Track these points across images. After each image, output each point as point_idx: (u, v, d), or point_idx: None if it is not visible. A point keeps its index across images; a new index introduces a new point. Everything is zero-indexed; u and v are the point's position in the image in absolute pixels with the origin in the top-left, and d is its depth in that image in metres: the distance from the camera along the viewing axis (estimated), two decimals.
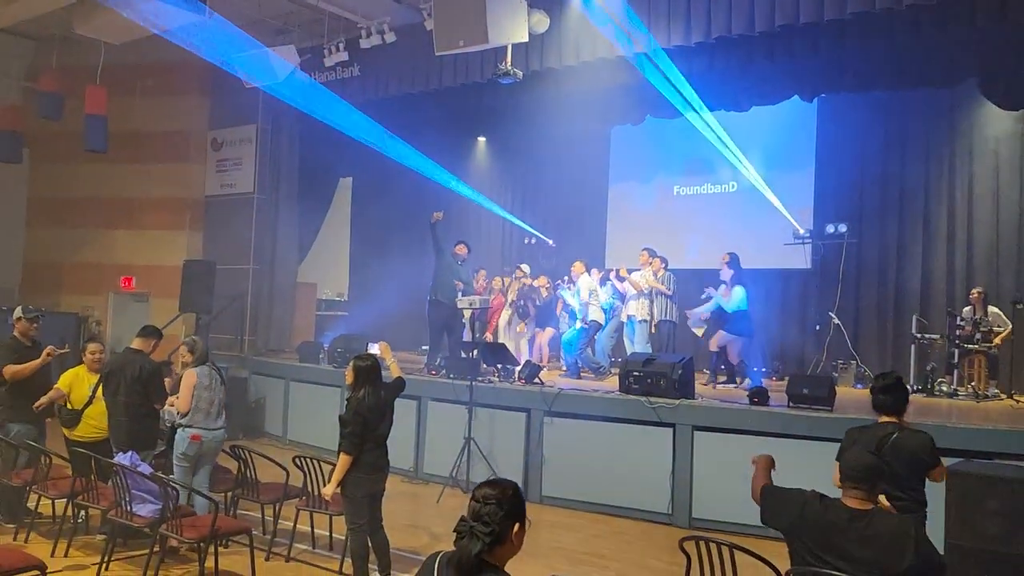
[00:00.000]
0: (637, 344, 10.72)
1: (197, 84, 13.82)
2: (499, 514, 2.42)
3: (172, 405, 6.42)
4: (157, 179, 13.88)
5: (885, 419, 4.64)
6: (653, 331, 10.72)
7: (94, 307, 14.02)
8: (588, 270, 11.23)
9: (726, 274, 10.30)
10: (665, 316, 10.72)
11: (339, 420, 5.51)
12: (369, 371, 5.52)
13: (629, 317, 11.00)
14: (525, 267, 12.65)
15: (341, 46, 11.24)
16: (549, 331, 11.88)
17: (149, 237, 13.90)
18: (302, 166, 13.67)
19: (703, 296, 10.63)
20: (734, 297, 10.08)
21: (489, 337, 11.71)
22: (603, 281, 11.52)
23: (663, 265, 10.92)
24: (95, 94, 12.16)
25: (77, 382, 6.74)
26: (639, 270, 11.01)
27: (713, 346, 10.36)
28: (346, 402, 5.58)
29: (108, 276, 13.97)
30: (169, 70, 13.38)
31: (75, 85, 12.42)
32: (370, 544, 5.54)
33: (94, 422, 6.66)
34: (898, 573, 3.26)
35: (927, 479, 4.55)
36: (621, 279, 11.27)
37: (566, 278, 11.59)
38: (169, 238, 13.83)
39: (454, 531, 2.45)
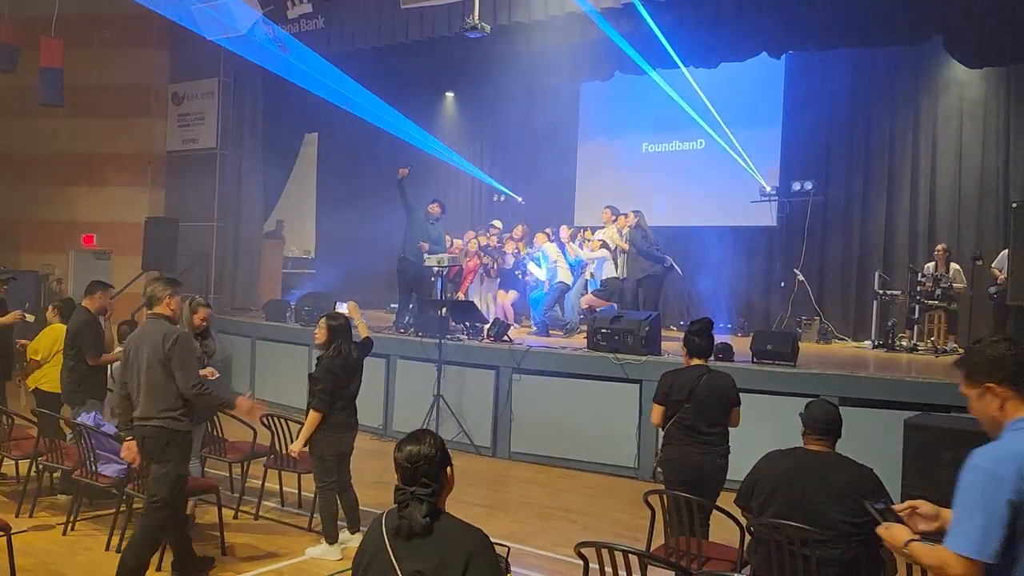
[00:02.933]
0: None
1: (156, 36, 13.43)
2: (432, 470, 2.44)
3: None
4: (117, 134, 13.52)
5: (697, 361, 4.97)
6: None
7: (55, 265, 13.74)
8: (557, 232, 11.21)
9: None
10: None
11: (309, 378, 5.50)
12: (341, 329, 5.52)
13: (593, 276, 11.02)
14: (498, 223, 12.59)
15: None
16: (513, 294, 11.86)
17: (110, 194, 13.60)
18: (266, 121, 13.40)
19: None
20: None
21: (461, 296, 11.68)
22: (572, 238, 11.50)
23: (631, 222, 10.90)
24: (50, 46, 11.77)
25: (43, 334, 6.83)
26: (602, 228, 11.02)
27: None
28: (317, 360, 5.56)
29: (68, 234, 13.67)
30: (127, 21, 12.98)
31: (29, 37, 12.00)
32: (339, 502, 5.58)
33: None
34: (858, 509, 3.41)
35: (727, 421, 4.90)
36: (588, 239, 11.27)
37: (531, 250, 11.52)
38: (130, 195, 13.54)
39: (395, 502, 2.45)
